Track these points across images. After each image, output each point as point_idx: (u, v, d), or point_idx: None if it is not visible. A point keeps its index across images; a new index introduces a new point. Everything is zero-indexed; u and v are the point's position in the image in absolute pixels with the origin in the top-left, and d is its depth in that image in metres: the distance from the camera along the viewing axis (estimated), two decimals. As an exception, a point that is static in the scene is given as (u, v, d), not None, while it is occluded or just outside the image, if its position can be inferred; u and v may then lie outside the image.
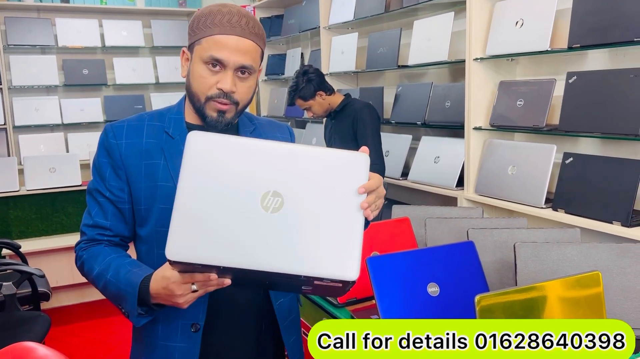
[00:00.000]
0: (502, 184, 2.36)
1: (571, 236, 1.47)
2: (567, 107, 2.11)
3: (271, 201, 0.91)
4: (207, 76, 1.13)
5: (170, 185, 1.15)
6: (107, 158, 1.18)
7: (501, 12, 2.38)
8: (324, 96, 2.77)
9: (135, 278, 1.07)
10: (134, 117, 1.24)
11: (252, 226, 0.90)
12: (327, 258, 0.89)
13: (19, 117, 4.36)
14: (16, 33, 4.35)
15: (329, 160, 0.94)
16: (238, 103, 1.16)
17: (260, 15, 4.71)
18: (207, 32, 1.13)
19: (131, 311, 1.08)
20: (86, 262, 1.16)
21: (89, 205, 1.21)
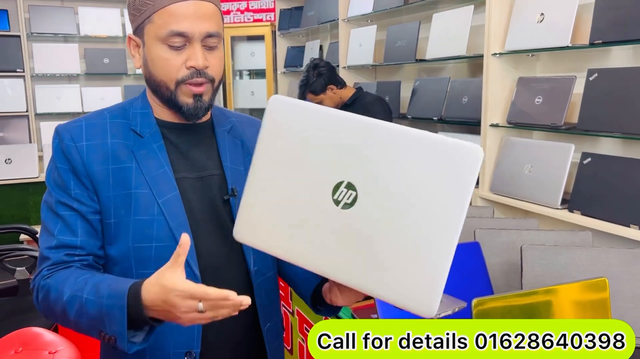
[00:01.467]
0: (518, 183, 2.30)
1: (582, 239, 1.42)
2: (587, 106, 2.04)
3: (344, 194, 0.77)
4: (171, 56, 0.96)
5: (147, 192, 0.98)
6: (66, 164, 0.98)
7: (521, 6, 2.31)
8: (334, 90, 2.74)
9: (121, 286, 0.86)
10: (92, 114, 1.04)
11: (320, 222, 0.78)
12: (402, 283, 0.74)
13: (41, 105, 4.42)
14: (40, 21, 4.41)
15: (428, 149, 0.73)
16: (214, 79, 1.00)
17: (280, 6, 4.69)
18: (156, 5, 0.95)
19: (120, 333, 0.84)
20: (52, 289, 0.92)
21: (47, 223, 0.98)
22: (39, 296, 0.95)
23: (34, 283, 0.97)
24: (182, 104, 0.99)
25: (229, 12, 4.84)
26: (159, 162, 1.01)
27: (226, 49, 4.88)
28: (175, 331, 0.98)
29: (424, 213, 0.72)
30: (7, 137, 4.30)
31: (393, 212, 0.74)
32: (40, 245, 0.99)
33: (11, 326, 2.14)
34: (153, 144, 1.02)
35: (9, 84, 4.30)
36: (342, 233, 0.77)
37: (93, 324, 0.88)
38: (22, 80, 4.33)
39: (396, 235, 0.74)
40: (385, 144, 0.75)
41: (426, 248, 0.72)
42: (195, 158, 1.06)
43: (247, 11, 4.81)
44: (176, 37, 0.95)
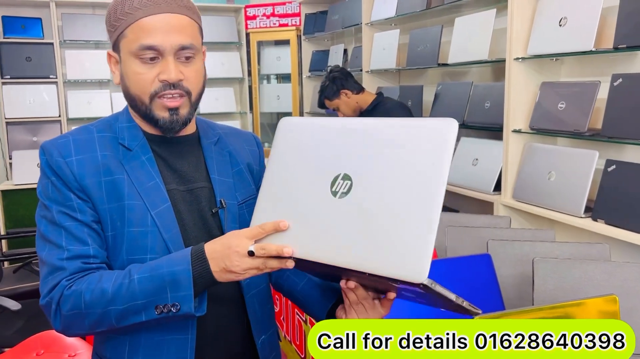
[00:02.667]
0: (541, 190, 2.25)
1: (599, 252, 1.38)
2: (611, 112, 1.98)
3: (340, 185, 0.84)
4: (144, 71, 0.95)
5: (139, 204, 0.97)
6: (59, 180, 0.96)
7: (544, 9, 2.26)
8: (349, 95, 2.73)
9: (182, 253, 0.90)
10: (77, 130, 1.03)
11: (321, 214, 0.85)
12: (392, 255, 0.79)
13: (73, 110, 4.54)
14: (72, 29, 4.53)
15: (409, 131, 0.82)
16: (190, 92, 0.99)
17: (305, 11, 4.70)
18: (128, 20, 0.94)
19: (186, 297, 0.87)
20: (86, 291, 0.90)
21: (50, 236, 0.95)
22: (64, 307, 0.91)
23: (50, 298, 0.92)
24: (158, 118, 0.99)
25: (254, 17, 4.88)
26: (149, 174, 1.01)
27: (252, 54, 4.92)
28: (170, 346, 0.98)
29: (407, 188, 0.79)
30: (41, 142, 4.41)
31: (382, 192, 0.81)
32: (45, 260, 0.95)
33: (35, 327, 2.20)
34: (142, 156, 1.02)
35: (43, 90, 4.43)
36: (340, 220, 0.83)
37: (149, 301, 0.88)
38: (54, 86, 4.45)
39: (385, 211, 0.80)
40: (373, 137, 0.84)
41: (411, 219, 0.78)
42: (184, 171, 1.06)
43: (272, 16, 4.84)
44: (148, 51, 0.94)
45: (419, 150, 0.80)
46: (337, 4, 4.25)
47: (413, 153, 0.80)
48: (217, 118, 4.84)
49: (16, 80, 4.32)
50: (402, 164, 0.81)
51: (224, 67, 4.99)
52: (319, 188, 0.86)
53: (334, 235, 0.83)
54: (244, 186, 1.13)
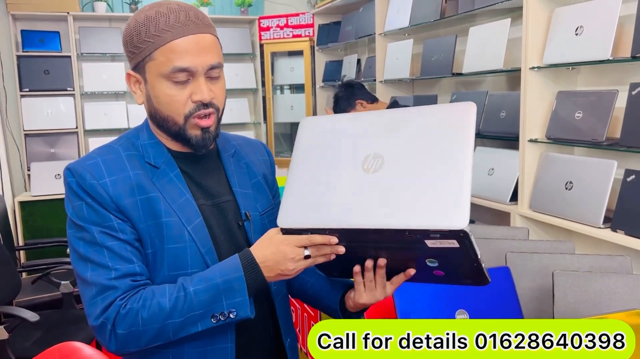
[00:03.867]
0: (558, 200, 2.22)
1: (620, 265, 1.36)
2: (630, 121, 1.96)
3: (372, 163, 0.91)
4: (176, 92, 0.96)
5: (176, 220, 0.99)
6: (95, 202, 0.95)
7: (560, 18, 2.25)
8: (365, 104, 2.73)
9: (232, 262, 0.94)
10: (101, 149, 1.03)
11: (355, 188, 0.91)
12: (431, 208, 0.84)
13: (89, 121, 4.60)
14: (89, 42, 4.59)
15: (432, 114, 0.93)
16: (219, 109, 1.02)
17: (319, 21, 4.73)
18: (157, 43, 0.95)
19: (241, 303, 0.92)
20: (143, 308, 0.91)
21: (92, 257, 0.94)
22: (120, 327, 0.91)
23: (105, 318, 0.91)
24: (191, 137, 1.01)
25: (268, 28, 4.91)
26: (179, 190, 1.03)
27: (266, 65, 4.96)
28: (212, 356, 1.02)
29: (439, 155, 0.87)
30: (58, 153, 4.49)
31: (414, 161, 0.88)
32: (91, 280, 0.93)
33: (53, 338, 2.22)
34: (170, 173, 1.03)
35: (61, 102, 4.49)
36: (376, 190, 0.89)
37: (205, 312, 0.93)
38: (72, 99, 4.52)
39: (420, 175, 0.87)
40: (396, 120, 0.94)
41: (446, 176, 0.85)
42: (208, 186, 1.08)
43: (286, 27, 4.88)
44: (180, 73, 0.96)
45: (444, 124, 0.89)
46: (351, 15, 4.26)
47: (438, 127, 0.89)
48: (232, 128, 4.87)
49: (35, 93, 4.39)
50: (429, 136, 0.89)
51: (238, 78, 5.03)
52: (351, 168, 0.92)
53: (372, 203, 0.88)
54: (263, 197, 1.16)
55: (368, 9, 3.87)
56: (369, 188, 0.90)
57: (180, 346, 1.00)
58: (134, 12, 4.85)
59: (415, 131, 0.91)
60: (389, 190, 0.88)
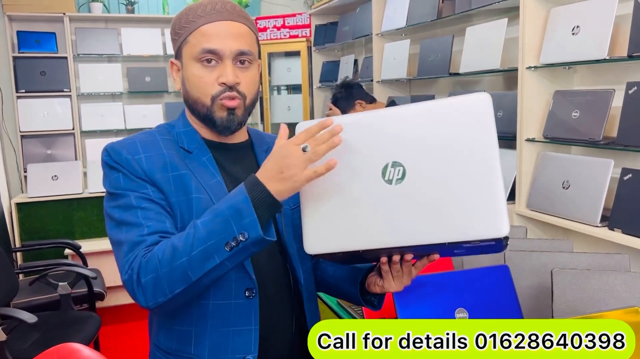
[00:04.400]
0: (556, 200, 2.23)
1: (618, 262, 1.36)
2: (627, 120, 1.97)
3: (393, 173, 0.86)
4: (204, 74, 1.01)
5: (206, 198, 1.02)
6: (128, 173, 1.00)
7: (556, 18, 2.25)
8: (364, 105, 2.74)
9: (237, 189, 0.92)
10: (138, 134, 1.09)
11: (381, 203, 0.86)
12: (471, 218, 0.81)
13: (86, 123, 4.59)
14: (85, 43, 4.59)
15: (445, 110, 0.85)
16: (245, 96, 1.05)
17: (315, 22, 4.73)
18: (191, 27, 1.02)
19: (251, 223, 0.88)
20: (158, 252, 0.93)
21: (128, 218, 0.98)
22: (142, 275, 0.93)
23: (130, 270, 0.94)
24: (217, 119, 1.04)
25: (265, 29, 4.91)
26: (210, 172, 1.07)
27: (263, 65, 4.95)
28: (235, 337, 1.03)
29: (464, 158, 0.82)
30: (55, 154, 4.47)
31: (439, 169, 0.83)
32: (124, 240, 0.97)
33: (51, 340, 2.22)
34: (202, 157, 1.08)
35: (57, 103, 4.48)
36: (403, 203, 0.85)
37: (218, 241, 0.89)
38: (68, 100, 4.51)
39: (448, 184, 0.82)
40: (410, 121, 0.86)
41: (478, 184, 0.81)
42: (238, 175, 1.10)
43: (283, 27, 4.88)
44: (208, 55, 1.01)
45: (463, 123, 0.82)
46: (347, 15, 4.27)
47: (457, 127, 0.83)
48: (229, 129, 4.86)
49: (31, 94, 4.38)
50: (450, 139, 0.83)
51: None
52: (369, 180, 0.87)
53: (406, 218, 0.84)
54: None
55: (365, 10, 3.88)
56: (398, 202, 0.85)
57: (202, 324, 1.03)
58: (130, 13, 4.82)
59: (430, 131, 0.84)
60: (420, 202, 0.84)
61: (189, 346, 1.04)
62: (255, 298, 1.04)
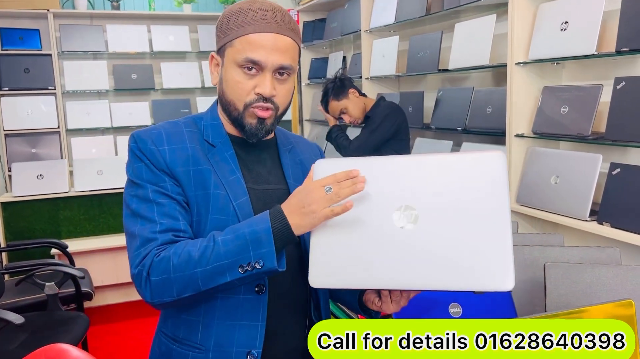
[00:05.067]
0: (545, 194, 2.25)
1: (609, 256, 1.37)
2: (615, 115, 1.99)
3: (405, 217, 0.88)
4: (243, 80, 1.04)
5: (223, 194, 1.05)
6: (151, 164, 1.04)
7: (545, 14, 2.27)
8: (356, 94, 2.75)
9: (260, 215, 0.96)
10: (165, 123, 1.12)
11: (390, 245, 0.89)
12: (476, 270, 0.84)
13: (72, 121, 4.53)
14: (70, 40, 4.53)
15: (460, 165, 0.89)
16: (278, 108, 1.07)
17: (303, 18, 4.71)
18: (239, 32, 1.03)
19: (268, 253, 0.93)
20: (174, 256, 0.97)
21: (143, 212, 1.02)
22: (153, 274, 0.97)
23: (141, 266, 0.98)
24: (246, 124, 1.07)
25: (252, 25, 4.88)
26: (231, 168, 1.09)
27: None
28: (241, 330, 1.04)
29: (476, 211, 0.85)
30: (40, 153, 4.41)
31: (451, 217, 0.86)
32: (137, 233, 1.01)
33: (39, 341, 2.18)
34: (225, 152, 1.10)
35: (42, 101, 4.42)
36: (412, 248, 0.87)
37: (233, 261, 0.94)
38: (53, 98, 4.44)
39: (458, 233, 0.85)
40: (427, 170, 0.90)
41: (488, 237, 0.84)
42: (259, 172, 1.13)
43: (270, 24, 4.85)
44: (250, 64, 1.03)
45: (477, 178, 0.86)
46: (336, 12, 4.26)
47: (471, 181, 0.86)
48: (217, 127, 4.83)
49: (15, 92, 4.32)
50: (463, 191, 0.86)
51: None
52: (382, 221, 0.89)
53: (412, 262, 0.87)
54: None
55: (353, 6, 3.87)
56: (407, 246, 0.87)
57: (210, 316, 1.05)
58: (115, 9, 4.77)
59: (444, 181, 0.88)
60: (429, 248, 0.86)
61: (195, 336, 1.06)
62: (264, 294, 1.05)
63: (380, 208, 0.90)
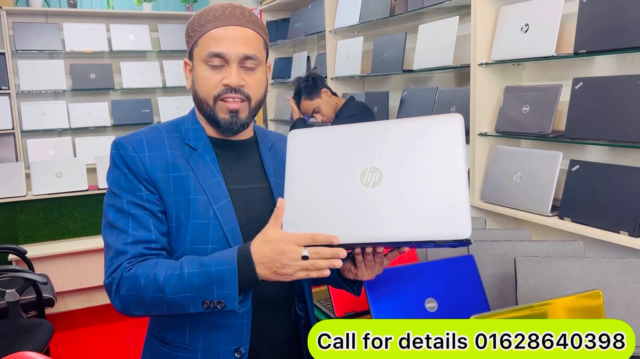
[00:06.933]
0: (508, 191, 2.32)
1: (574, 249, 1.44)
2: (574, 114, 2.07)
3: (370, 177, 0.93)
4: (210, 75, 1.07)
5: (204, 199, 1.07)
6: (131, 172, 1.07)
7: (506, 16, 2.34)
8: (329, 93, 2.78)
9: (230, 253, 0.96)
10: (147, 129, 1.14)
11: (357, 203, 0.93)
12: (437, 222, 0.89)
13: (27, 122, 4.39)
14: (24, 38, 4.38)
15: (421, 127, 0.95)
16: (250, 98, 1.09)
17: (266, 18, 4.70)
18: (202, 31, 1.07)
19: (230, 295, 0.94)
20: (142, 276, 0.98)
21: (117, 223, 1.05)
22: (123, 288, 1.00)
23: (112, 278, 1.01)
24: (220, 119, 1.09)
25: (215, 25, 4.84)
26: (212, 172, 1.11)
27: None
28: (227, 329, 1.07)
29: (435, 168, 0.92)
30: (-6, 155, 4.25)
31: (411, 175, 0.92)
32: (111, 244, 1.04)
33: (2, 349, 2.11)
34: (206, 156, 1.12)
35: (-6, 102, 4.26)
36: (378, 205, 0.92)
37: (197, 296, 0.96)
38: (7, 98, 4.29)
39: (420, 190, 0.91)
40: (390, 133, 0.96)
41: (445, 191, 0.90)
42: (241, 171, 1.16)
43: (233, 24, 4.82)
44: (215, 58, 1.06)
45: (436, 138, 0.92)
46: (299, 12, 4.26)
47: (431, 141, 0.93)
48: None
49: (-34, 92, 4.15)
50: (423, 151, 0.93)
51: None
52: (349, 183, 0.95)
53: (377, 217, 0.92)
54: None
55: (317, 6, 3.88)
56: (372, 202, 0.92)
57: (196, 319, 1.07)
58: (72, 7, 4.64)
59: (407, 144, 0.94)
60: (393, 204, 0.91)
61: (183, 338, 1.08)
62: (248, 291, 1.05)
63: (348, 170, 0.95)
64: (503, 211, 2.32)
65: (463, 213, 0.89)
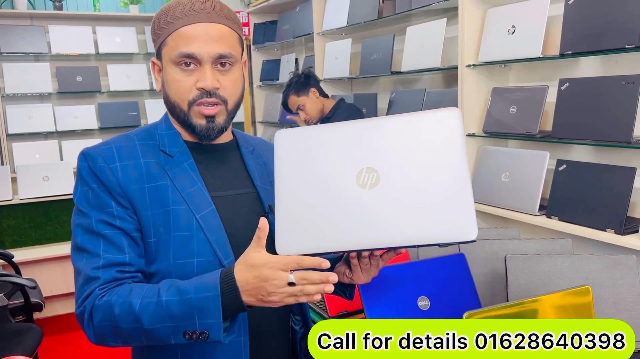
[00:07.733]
0: (496, 191, 2.35)
1: (563, 247, 1.46)
2: (560, 114, 2.10)
3: (367, 178, 0.88)
4: (183, 78, 0.97)
5: (184, 209, 0.98)
6: (101, 186, 0.96)
7: (493, 18, 2.37)
8: (317, 94, 2.79)
9: (210, 279, 0.87)
10: (117, 138, 1.04)
11: (355, 207, 0.88)
12: (441, 223, 0.85)
13: (13, 125, 4.34)
14: (9, 41, 4.33)
15: (417, 124, 0.89)
16: (227, 100, 1.01)
17: (254, 20, 4.70)
18: (170, 29, 0.97)
19: (215, 325, 0.86)
20: (116, 304, 0.89)
21: (86, 245, 0.94)
22: (96, 317, 0.90)
23: (83, 307, 0.92)
24: (195, 125, 1.01)
25: (202, 27, 4.83)
26: (191, 179, 1.02)
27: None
28: (224, 349, 0.98)
29: (435, 167, 0.87)
30: (-22, 159, 4.20)
31: (411, 175, 0.87)
32: (81, 269, 0.94)
33: (-9, 355, 2.09)
34: (183, 163, 1.03)
35: (-22, 105, 4.21)
36: (376, 208, 0.87)
37: (177, 326, 0.87)
38: (-8, 101, 4.24)
39: (421, 190, 0.86)
40: (386, 131, 0.90)
41: (448, 191, 0.85)
42: (224, 177, 1.08)
43: (220, 26, 4.81)
44: (186, 59, 0.97)
45: (434, 135, 0.87)
46: (287, 14, 4.27)
47: (429, 138, 0.87)
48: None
49: (-51, 95, 4.09)
50: (422, 149, 0.87)
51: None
52: (343, 184, 0.89)
53: (377, 221, 0.87)
54: None
55: (305, 8, 3.90)
56: (371, 205, 0.87)
57: None
58: (58, 9, 4.59)
59: (403, 141, 0.88)
60: (392, 206, 0.86)
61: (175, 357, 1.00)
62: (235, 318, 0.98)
63: (343, 172, 0.90)
64: (491, 211, 2.35)
65: (468, 213, 0.85)
